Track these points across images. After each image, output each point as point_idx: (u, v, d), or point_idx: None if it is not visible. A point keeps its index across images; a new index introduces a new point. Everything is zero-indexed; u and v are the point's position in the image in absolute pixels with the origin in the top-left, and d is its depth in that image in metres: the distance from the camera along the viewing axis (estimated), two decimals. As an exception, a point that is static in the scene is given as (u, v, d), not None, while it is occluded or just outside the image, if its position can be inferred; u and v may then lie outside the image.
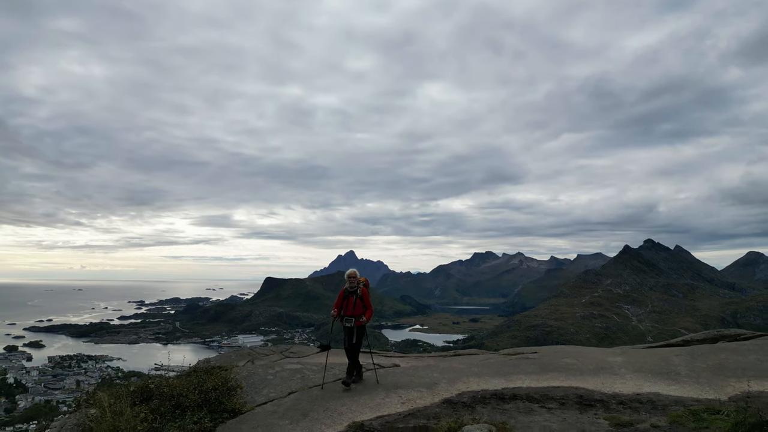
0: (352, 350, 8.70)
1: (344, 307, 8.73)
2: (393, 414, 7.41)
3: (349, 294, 8.81)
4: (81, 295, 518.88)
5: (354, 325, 8.60)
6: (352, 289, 8.82)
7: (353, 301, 8.71)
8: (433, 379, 9.47)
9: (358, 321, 8.63)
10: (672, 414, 6.83)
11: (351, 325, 8.60)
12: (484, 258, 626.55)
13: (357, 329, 8.66)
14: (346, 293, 8.88)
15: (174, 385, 8.15)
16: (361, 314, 8.62)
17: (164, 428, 6.99)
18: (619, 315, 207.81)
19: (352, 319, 8.59)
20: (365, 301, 8.78)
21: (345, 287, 8.96)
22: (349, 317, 8.59)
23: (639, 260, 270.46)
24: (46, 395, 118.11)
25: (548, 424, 6.82)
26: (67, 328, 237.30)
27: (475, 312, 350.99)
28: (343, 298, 8.85)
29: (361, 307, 8.66)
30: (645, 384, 8.57)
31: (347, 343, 8.65)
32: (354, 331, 8.62)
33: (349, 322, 8.58)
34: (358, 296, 8.74)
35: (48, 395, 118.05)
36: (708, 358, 10.10)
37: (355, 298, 8.72)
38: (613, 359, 10.59)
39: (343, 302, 8.82)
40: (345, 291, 8.93)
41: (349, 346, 8.71)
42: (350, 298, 8.77)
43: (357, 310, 8.62)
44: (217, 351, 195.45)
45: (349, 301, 8.75)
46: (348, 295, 8.81)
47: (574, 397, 7.99)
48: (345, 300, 8.81)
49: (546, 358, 10.98)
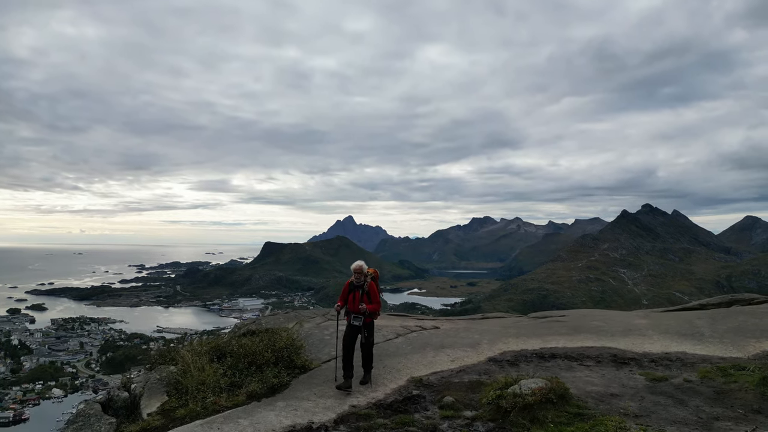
0: (364, 348, 7.76)
1: (350, 303, 7.80)
2: (445, 370, 8.15)
3: (355, 288, 7.85)
4: (81, 259, 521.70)
5: (362, 324, 7.68)
6: (359, 284, 7.83)
7: (359, 296, 7.75)
8: (475, 339, 9.96)
9: (368, 318, 7.75)
10: (701, 370, 7.36)
11: (359, 324, 7.67)
12: (482, 223, 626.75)
13: (367, 327, 7.73)
14: (352, 287, 7.91)
15: (247, 344, 8.59)
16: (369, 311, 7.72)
17: (244, 382, 7.64)
18: (615, 279, 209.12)
19: (361, 317, 7.65)
20: (372, 296, 7.82)
21: (350, 280, 7.99)
22: (357, 315, 7.65)
23: (636, 225, 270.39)
24: (51, 356, 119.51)
25: (590, 378, 7.33)
26: (68, 292, 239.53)
27: (472, 276, 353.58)
28: (349, 291, 7.92)
29: (368, 302, 7.71)
30: (672, 344, 9.14)
31: (348, 341, 7.68)
32: (362, 329, 7.68)
33: (357, 320, 7.65)
34: (364, 291, 7.79)
35: (52, 356, 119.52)
36: (727, 320, 10.63)
37: (362, 293, 7.78)
38: (638, 322, 11.13)
39: (348, 296, 7.86)
40: (350, 284, 7.96)
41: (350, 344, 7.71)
42: (356, 292, 7.82)
43: (357, 306, 7.70)
44: (218, 314, 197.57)
45: (355, 295, 7.79)
46: (354, 289, 7.87)
47: (608, 356, 8.55)
48: (351, 294, 7.86)
49: (575, 321, 11.42)
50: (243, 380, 7.68)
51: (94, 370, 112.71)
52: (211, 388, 7.33)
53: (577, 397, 6.10)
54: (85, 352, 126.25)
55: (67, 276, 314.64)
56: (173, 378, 7.81)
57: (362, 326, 7.59)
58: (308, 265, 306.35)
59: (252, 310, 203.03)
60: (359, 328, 7.62)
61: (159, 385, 7.72)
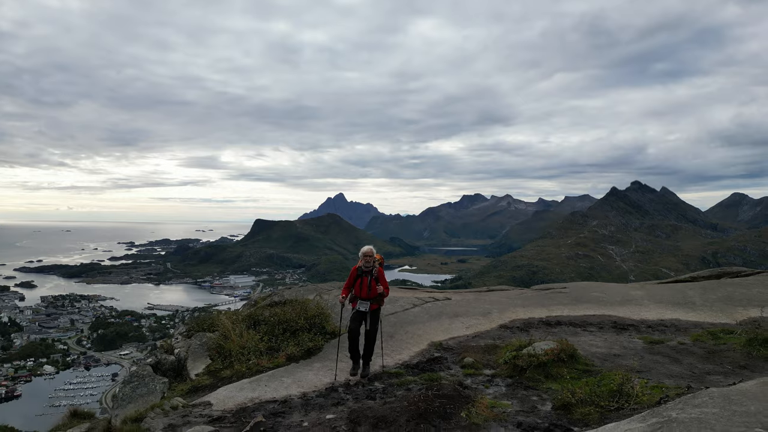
0: (366, 336, 7.48)
1: (357, 289, 7.50)
2: (462, 336, 9.11)
3: (363, 274, 7.51)
4: (70, 237, 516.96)
5: (369, 310, 7.39)
6: (367, 269, 7.51)
7: (367, 282, 7.43)
8: (485, 309, 10.83)
9: (374, 304, 7.48)
10: (694, 334, 8.37)
11: (365, 310, 7.39)
12: (472, 200, 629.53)
13: (371, 314, 7.44)
14: (359, 272, 7.56)
15: (280, 313, 9.34)
16: (376, 297, 7.44)
17: (281, 346, 8.36)
18: (604, 255, 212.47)
19: (368, 302, 7.41)
20: (381, 280, 7.53)
21: (358, 265, 7.64)
22: (363, 300, 7.41)
23: (625, 202, 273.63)
24: (42, 333, 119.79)
25: (594, 342, 8.24)
26: (57, 269, 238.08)
27: (462, 253, 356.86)
28: (356, 277, 7.57)
29: (377, 288, 7.40)
30: (666, 312, 10.13)
31: (354, 327, 7.39)
32: (368, 316, 7.40)
33: (364, 305, 7.39)
34: (373, 276, 7.47)
35: (43, 334, 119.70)
36: (717, 291, 11.77)
37: (370, 279, 7.46)
38: (635, 293, 12.18)
39: (355, 282, 7.54)
40: (358, 270, 7.60)
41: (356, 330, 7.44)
42: (364, 278, 7.49)
43: (372, 293, 7.40)
44: (209, 291, 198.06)
45: (363, 281, 7.47)
46: (361, 275, 7.52)
47: (609, 323, 9.50)
48: (358, 280, 7.53)
49: (576, 292, 12.33)
50: (280, 344, 8.44)
51: (86, 347, 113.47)
52: (252, 351, 8.09)
53: (584, 357, 6.85)
54: (76, 329, 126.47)
55: (55, 253, 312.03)
56: (214, 343, 8.54)
57: (367, 312, 7.42)
58: (299, 243, 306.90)
59: (243, 288, 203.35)
60: (365, 314, 7.46)
61: (201, 350, 8.45)
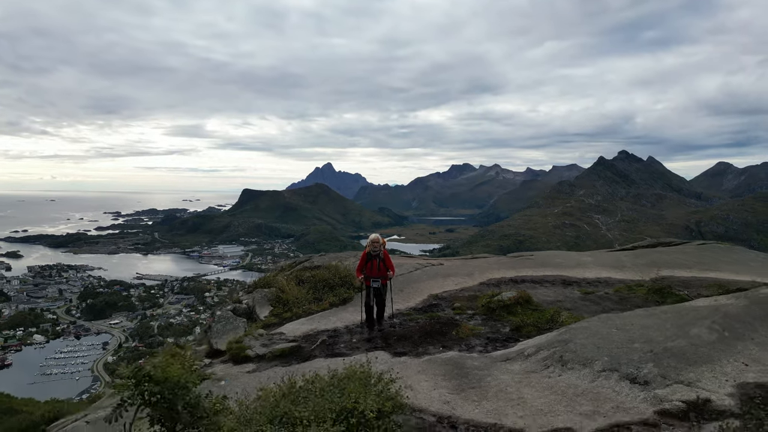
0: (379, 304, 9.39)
1: (368, 270, 9.27)
2: (453, 290, 12.02)
3: (372, 257, 9.28)
4: (54, 206, 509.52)
5: (381, 285, 9.24)
6: (375, 253, 9.28)
7: (377, 264, 9.24)
8: (470, 271, 13.82)
9: (384, 280, 9.30)
10: (616, 287, 11.45)
11: (378, 286, 9.21)
12: (461, 170, 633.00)
13: (382, 288, 9.31)
14: (369, 256, 9.33)
15: (318, 274, 12.44)
16: (385, 274, 9.29)
17: (323, 297, 11.41)
18: (590, 224, 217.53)
19: (379, 279, 9.22)
20: (387, 262, 9.35)
21: (367, 250, 9.42)
22: (375, 278, 9.20)
23: (612, 171, 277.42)
24: (30, 303, 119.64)
25: (546, 292, 11.36)
26: (44, 239, 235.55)
27: (451, 223, 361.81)
28: (366, 260, 9.33)
29: (384, 268, 9.26)
30: (603, 272, 13.24)
31: (370, 301, 9.29)
32: (381, 290, 9.28)
33: (377, 282, 9.19)
34: (380, 259, 9.27)
35: (31, 303, 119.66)
36: (645, 257, 14.87)
37: (378, 261, 9.24)
38: (585, 259, 15.36)
39: (366, 264, 9.32)
40: (367, 254, 9.37)
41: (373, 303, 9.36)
42: (373, 261, 9.25)
43: (381, 272, 9.24)
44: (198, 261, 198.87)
45: (372, 263, 9.25)
46: (371, 258, 9.28)
47: (560, 280, 12.57)
48: (368, 263, 9.30)
49: (541, 259, 15.44)
50: (322, 296, 11.54)
51: (75, 317, 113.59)
52: (303, 300, 11.15)
53: (536, 302, 9.86)
54: (64, 299, 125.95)
55: (40, 223, 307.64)
56: (273, 295, 11.55)
57: (380, 287, 9.12)
58: (287, 213, 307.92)
59: (232, 257, 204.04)
60: (378, 290, 9.16)
61: (263, 300, 11.38)
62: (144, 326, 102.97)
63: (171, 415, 2.57)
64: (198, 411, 2.78)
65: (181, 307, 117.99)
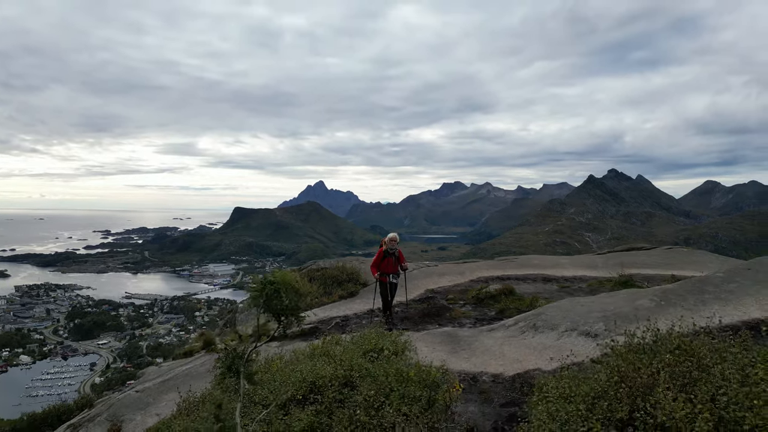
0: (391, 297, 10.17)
1: (384, 266, 9.99)
2: (447, 285, 13.84)
3: (389, 255, 9.98)
4: (43, 225, 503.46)
5: (396, 281, 10.11)
6: (392, 251, 10.01)
7: (393, 262, 10.01)
8: (461, 271, 15.67)
9: (397, 276, 10.17)
10: (589, 282, 13.16)
11: (396, 281, 10.08)
12: (452, 188, 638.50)
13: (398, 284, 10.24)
14: (386, 254, 10.01)
15: (328, 272, 14.41)
16: (398, 271, 10.20)
17: (333, 291, 13.21)
18: (581, 242, 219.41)
19: (398, 276, 10.15)
20: (400, 259, 10.21)
21: (384, 248, 10.06)
22: (395, 274, 10.09)
23: (602, 189, 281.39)
24: (17, 323, 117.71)
25: (528, 287, 13.07)
26: (31, 258, 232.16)
27: (442, 240, 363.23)
28: (383, 257, 10.02)
29: (398, 265, 10.12)
30: (578, 271, 14.93)
31: (388, 295, 10.04)
32: (396, 285, 10.16)
33: (395, 278, 10.06)
34: (396, 257, 10.06)
35: (18, 323, 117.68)
36: (616, 259, 16.47)
37: (394, 259, 10.02)
38: (563, 261, 17.43)
39: (382, 261, 10.01)
40: (384, 252, 10.02)
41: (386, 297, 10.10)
42: (389, 258, 9.96)
43: (395, 269, 10.10)
44: (188, 280, 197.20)
45: (389, 261, 9.97)
46: (387, 256, 9.99)
47: (541, 278, 14.24)
48: (384, 260, 10.00)
49: (524, 261, 17.38)
50: (332, 290, 13.57)
51: (62, 337, 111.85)
52: (315, 293, 12.16)
53: (519, 293, 11.46)
54: (52, 319, 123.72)
55: (28, 242, 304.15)
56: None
57: (396, 283, 9.98)
58: (279, 231, 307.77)
59: (223, 276, 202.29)
60: (395, 284, 10.01)
61: None
62: (132, 346, 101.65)
63: (279, 306, 4.05)
64: (293, 298, 4.20)
65: (171, 327, 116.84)
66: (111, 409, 7.66)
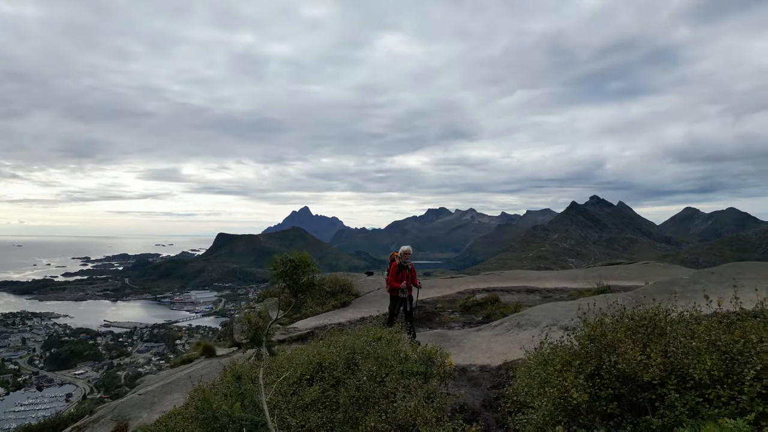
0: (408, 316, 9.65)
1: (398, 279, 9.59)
2: (435, 296, 14.55)
3: (403, 268, 9.62)
4: (21, 251, 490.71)
5: (408, 295, 9.61)
6: (405, 264, 9.67)
7: (407, 275, 9.62)
8: (449, 284, 16.80)
9: (409, 291, 9.66)
10: (570, 293, 13.97)
11: (406, 296, 9.55)
12: (437, 214, 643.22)
13: (409, 298, 9.67)
14: (401, 267, 9.64)
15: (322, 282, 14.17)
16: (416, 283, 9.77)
17: (327, 301, 13.56)
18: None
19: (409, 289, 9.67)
20: (413, 273, 9.84)
21: (398, 262, 9.74)
22: (405, 289, 9.55)
23: (584, 216, 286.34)
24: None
25: (513, 297, 13.78)
26: (8, 285, 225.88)
27: (428, 266, 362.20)
28: (398, 271, 9.63)
29: (411, 278, 9.69)
30: (560, 284, 15.77)
31: (396, 310, 9.61)
32: (408, 300, 9.63)
33: (404, 293, 9.53)
34: (409, 270, 9.70)
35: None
36: (595, 272, 17.43)
37: (408, 272, 9.66)
38: (546, 274, 19.10)
39: (398, 275, 9.62)
40: (399, 265, 9.67)
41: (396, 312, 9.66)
42: (404, 272, 9.60)
43: (412, 281, 9.71)
44: (169, 307, 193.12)
45: (403, 274, 9.60)
46: (401, 269, 9.61)
47: (525, 289, 15.11)
48: (400, 273, 9.62)
49: (508, 275, 18.68)
50: (326, 300, 14.21)
51: (38, 367, 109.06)
52: (310, 304, 12.91)
53: (504, 302, 12.02)
54: (27, 348, 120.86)
55: (5, 269, 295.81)
56: (283, 302, 12.99)
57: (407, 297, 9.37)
58: (263, 257, 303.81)
59: (205, 303, 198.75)
60: (405, 299, 9.38)
61: (274, 306, 13.25)
62: (110, 376, 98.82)
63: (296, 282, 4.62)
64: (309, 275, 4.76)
65: (150, 356, 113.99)
66: (115, 411, 7.90)
